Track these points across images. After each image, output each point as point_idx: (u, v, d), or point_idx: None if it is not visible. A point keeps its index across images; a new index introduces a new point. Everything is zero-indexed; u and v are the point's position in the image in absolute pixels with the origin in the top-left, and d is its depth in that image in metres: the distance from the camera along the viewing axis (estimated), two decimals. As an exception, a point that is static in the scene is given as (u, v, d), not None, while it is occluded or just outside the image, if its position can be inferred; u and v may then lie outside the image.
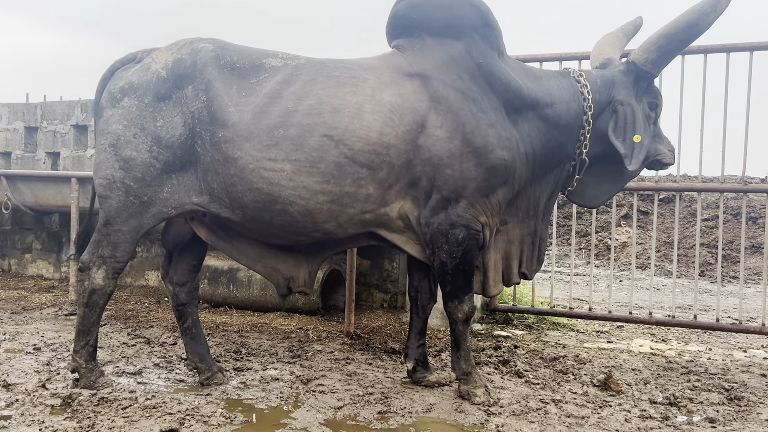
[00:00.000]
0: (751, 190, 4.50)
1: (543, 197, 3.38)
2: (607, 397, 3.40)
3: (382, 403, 3.17)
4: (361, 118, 2.98)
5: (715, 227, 10.72)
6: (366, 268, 5.84)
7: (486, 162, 3.04)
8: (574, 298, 6.36)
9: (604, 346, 4.56)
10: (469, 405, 3.17)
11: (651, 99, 3.34)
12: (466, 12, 3.15)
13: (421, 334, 3.54)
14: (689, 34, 3.11)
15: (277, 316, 5.21)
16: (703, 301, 6.94)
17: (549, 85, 3.26)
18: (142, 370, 3.64)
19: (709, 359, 4.26)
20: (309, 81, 3.04)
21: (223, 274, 5.47)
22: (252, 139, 2.97)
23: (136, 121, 3.11)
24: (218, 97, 3.03)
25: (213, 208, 3.12)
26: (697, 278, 4.73)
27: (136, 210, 3.14)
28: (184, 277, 3.51)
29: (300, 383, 3.47)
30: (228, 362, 3.84)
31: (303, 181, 2.97)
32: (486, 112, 3.07)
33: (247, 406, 3.10)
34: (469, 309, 3.23)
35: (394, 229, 3.22)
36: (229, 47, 3.19)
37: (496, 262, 3.39)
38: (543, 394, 3.39)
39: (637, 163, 3.22)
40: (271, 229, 3.11)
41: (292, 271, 3.35)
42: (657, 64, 3.22)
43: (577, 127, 3.27)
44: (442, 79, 3.09)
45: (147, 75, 3.15)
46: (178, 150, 3.08)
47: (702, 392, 3.50)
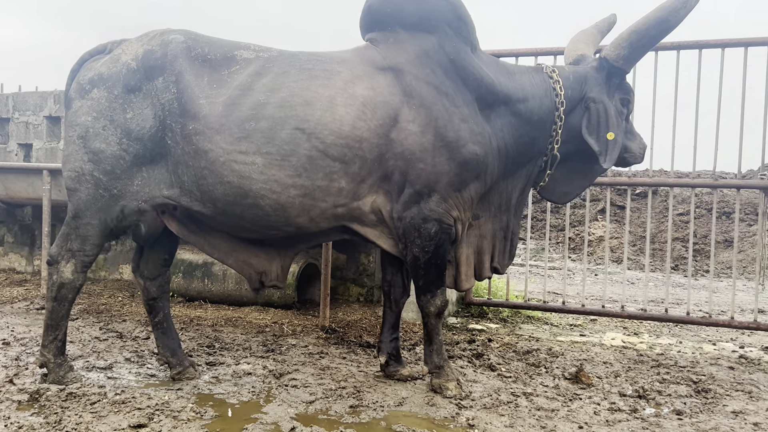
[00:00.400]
0: (722, 185, 4.55)
1: (515, 192, 3.39)
2: (578, 390, 3.43)
3: (355, 397, 3.17)
4: (334, 112, 2.97)
5: (689, 221, 10.86)
6: (342, 262, 5.84)
7: (458, 156, 3.05)
8: (549, 292, 6.42)
9: (576, 340, 4.61)
10: (441, 398, 3.19)
11: (623, 95, 3.37)
12: (439, 6, 3.15)
13: (394, 328, 3.55)
14: (660, 30, 3.13)
15: (252, 310, 5.19)
16: (676, 295, 7.04)
17: (522, 80, 3.27)
18: (112, 365, 3.61)
19: (679, 352, 4.32)
20: (281, 73, 3.02)
21: (197, 267, 5.43)
22: (223, 132, 2.94)
23: (106, 113, 3.07)
24: (189, 88, 3.00)
25: (184, 202, 3.09)
26: (669, 272, 4.78)
27: (106, 203, 3.10)
28: (156, 271, 3.48)
29: (273, 378, 3.46)
30: (201, 357, 3.81)
31: (274, 175, 2.95)
32: (459, 107, 3.08)
33: (219, 401, 3.09)
34: (442, 303, 3.24)
35: (366, 224, 3.21)
36: (200, 39, 3.15)
37: (468, 256, 3.40)
38: (515, 387, 3.42)
39: (611, 160, 3.25)
40: (242, 222, 3.09)
41: (265, 265, 3.33)
42: (628, 60, 3.24)
43: (550, 122, 3.29)
44: (415, 73, 3.09)
45: (117, 66, 3.11)
46: (149, 142, 3.05)
47: (671, 385, 3.55)
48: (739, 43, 4.33)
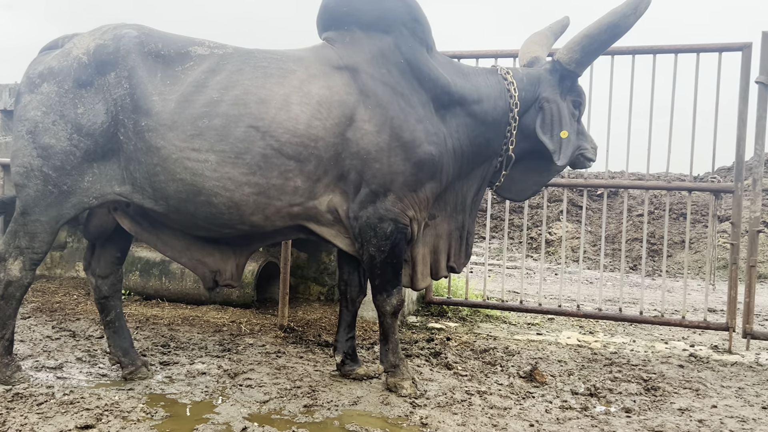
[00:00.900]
0: (674, 187, 4.66)
1: (471, 192, 3.43)
2: (532, 388, 3.48)
3: (309, 397, 3.16)
4: (289, 110, 2.95)
5: (648, 222, 11.09)
6: (303, 260, 5.81)
7: (414, 157, 3.06)
8: (508, 291, 6.49)
9: (533, 338, 4.67)
10: (396, 397, 3.20)
11: (575, 97, 3.43)
12: (394, 6, 3.16)
13: (350, 327, 3.55)
14: (611, 35, 3.20)
15: (210, 309, 5.14)
16: (632, 294, 7.17)
17: (477, 82, 3.30)
18: (63, 365, 3.54)
19: (632, 351, 4.41)
20: (236, 71, 3.00)
21: (155, 266, 5.36)
22: (176, 129, 2.91)
23: (56, 108, 3.00)
24: (142, 84, 2.96)
25: (136, 199, 3.05)
26: (623, 272, 4.88)
27: (55, 199, 3.04)
28: (108, 269, 3.42)
29: (227, 377, 3.43)
30: (155, 356, 3.76)
31: (228, 173, 2.92)
32: (414, 107, 3.09)
33: (170, 401, 3.05)
34: (398, 302, 3.26)
35: (323, 223, 3.21)
36: (154, 34, 3.11)
37: (424, 255, 3.42)
38: (469, 385, 3.45)
39: (565, 158, 3.31)
40: (195, 220, 3.06)
41: (219, 263, 3.30)
42: (581, 64, 3.30)
43: (504, 123, 3.33)
44: (372, 72, 3.09)
45: (68, 60, 3.04)
46: (100, 138, 2.99)
47: (622, 383, 3.62)
48: (691, 49, 4.44)
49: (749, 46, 4.30)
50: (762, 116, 4.27)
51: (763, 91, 4.27)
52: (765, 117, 4.26)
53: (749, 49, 4.30)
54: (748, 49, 4.30)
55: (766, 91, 4.26)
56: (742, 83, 4.33)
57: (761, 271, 9.02)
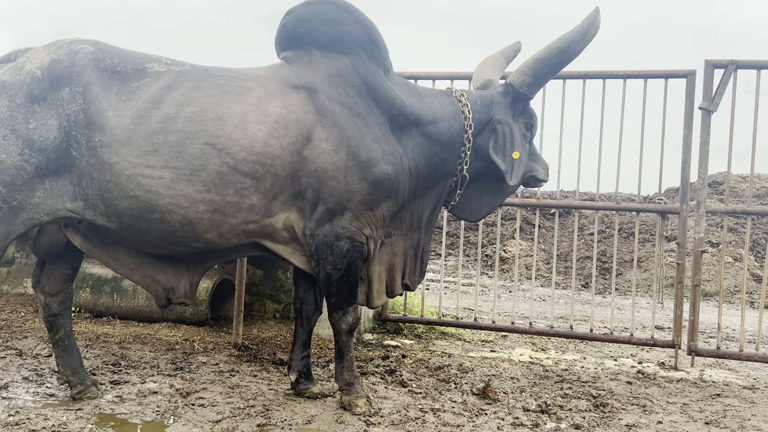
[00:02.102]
0: (623, 208, 4.81)
1: (426, 211, 3.48)
2: (484, 405, 3.53)
3: (263, 416, 3.15)
4: (246, 128, 2.97)
5: (600, 241, 11.35)
6: (259, 277, 5.78)
7: (370, 176, 3.10)
8: (463, 308, 6.56)
9: (487, 355, 4.73)
10: (350, 416, 3.21)
11: (527, 120, 3.54)
12: (352, 28, 3.21)
13: (305, 346, 3.54)
14: (561, 59, 3.32)
15: (163, 327, 5.05)
16: (583, 312, 7.33)
17: (432, 103, 3.38)
18: (8, 384, 3.44)
19: (582, 368, 4.51)
20: (192, 88, 3.00)
21: (106, 282, 5.25)
22: (130, 145, 2.88)
23: (7, 122, 2.94)
24: (96, 100, 2.93)
25: (88, 215, 3.00)
26: (574, 290, 5.00)
27: (5, 215, 2.97)
28: (57, 286, 3.35)
29: (179, 396, 3.38)
30: (105, 375, 3.69)
31: (182, 190, 2.91)
32: (371, 127, 3.14)
33: (120, 421, 3.00)
34: (354, 320, 3.27)
35: (279, 240, 3.21)
36: (110, 50, 3.09)
37: (380, 273, 3.45)
38: (423, 403, 3.48)
39: (516, 178, 3.40)
40: (148, 238, 3.03)
41: (172, 281, 3.27)
42: (532, 87, 3.41)
43: (459, 144, 3.40)
44: (329, 92, 3.13)
45: (20, 74, 2.99)
46: (52, 153, 2.94)
47: (572, 399, 3.70)
48: (639, 75, 4.61)
49: (693, 74, 4.48)
50: (705, 141, 4.45)
51: (705, 117, 4.45)
52: (708, 142, 4.44)
53: (693, 76, 4.49)
54: (692, 77, 4.49)
55: (709, 117, 4.45)
56: (686, 109, 4.51)
57: (706, 289, 9.32)
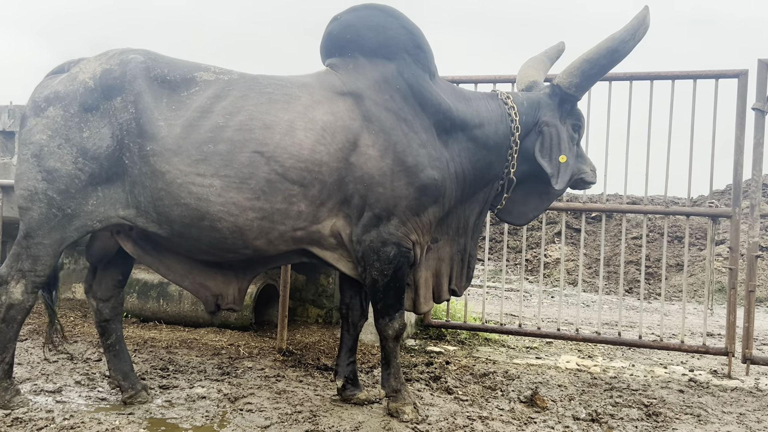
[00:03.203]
0: (672, 212, 4.70)
1: (472, 216, 3.45)
2: (533, 413, 3.47)
3: (311, 422, 3.14)
4: (293, 135, 2.98)
5: (643, 246, 11.12)
6: (301, 283, 5.81)
7: (417, 181, 3.09)
8: (506, 314, 6.49)
9: (532, 362, 4.66)
10: (397, 423, 3.19)
11: (574, 121, 3.48)
12: (397, 34, 3.20)
13: (351, 352, 3.54)
14: (610, 60, 3.26)
15: (208, 332, 5.12)
16: (629, 318, 7.18)
17: (478, 106, 3.35)
18: (62, 388, 3.51)
19: (631, 375, 4.41)
20: (241, 96, 3.02)
21: (153, 288, 5.34)
22: (181, 154, 2.92)
23: (61, 132, 3.02)
24: (147, 109, 2.98)
25: (140, 222, 3.05)
26: (622, 295, 4.89)
27: (59, 223, 3.04)
28: (109, 292, 3.41)
29: (227, 401, 3.41)
30: (154, 380, 3.74)
31: (232, 197, 2.94)
32: (417, 132, 3.12)
33: (171, 426, 3.03)
34: (400, 326, 3.26)
35: (326, 247, 3.22)
36: (159, 59, 3.14)
37: (426, 279, 3.43)
38: (471, 410, 3.44)
39: (563, 182, 3.35)
40: (199, 245, 3.06)
41: (221, 287, 3.30)
42: (580, 88, 3.35)
43: (505, 147, 3.37)
44: (375, 98, 3.13)
45: (74, 85, 3.06)
46: (105, 162, 3.00)
47: (623, 408, 3.62)
48: (688, 76, 4.51)
49: (745, 73, 4.36)
50: (759, 142, 4.32)
51: (759, 118, 4.33)
52: (762, 143, 4.32)
53: (745, 76, 4.37)
54: (744, 76, 4.37)
55: (763, 118, 4.32)
56: (738, 109, 4.39)
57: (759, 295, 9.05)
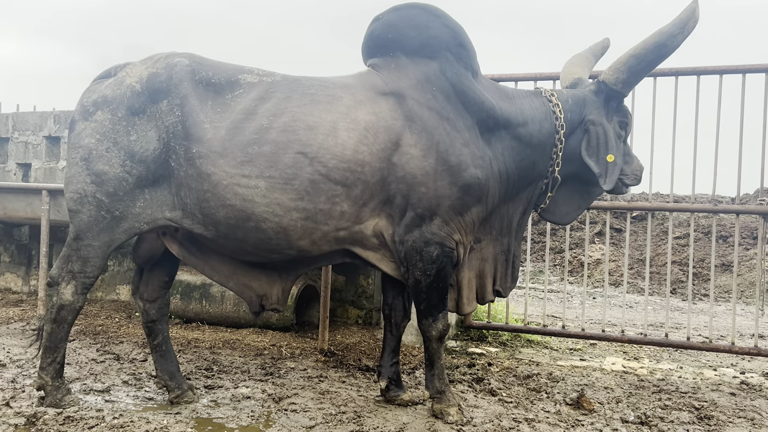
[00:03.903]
0: (721, 210, 4.57)
1: (516, 215, 3.41)
2: (580, 416, 3.41)
3: (355, 423, 3.14)
4: (336, 136, 2.98)
5: (687, 245, 10.87)
6: (341, 283, 5.82)
7: (460, 180, 3.06)
8: (548, 315, 6.40)
9: (577, 364, 4.59)
10: (442, 424, 3.16)
11: (621, 118, 3.41)
12: (440, 32, 3.18)
13: (394, 352, 3.52)
14: (658, 55, 3.18)
15: (250, 333, 5.16)
16: (674, 319, 7.02)
17: (522, 104, 3.30)
18: (110, 388, 3.58)
19: (680, 377, 4.31)
20: (284, 98, 3.04)
21: (195, 289, 5.41)
22: (226, 155, 2.95)
23: (109, 135, 3.07)
24: (193, 112, 3.02)
25: (186, 224, 3.09)
26: (668, 296, 4.78)
27: (108, 225, 3.10)
28: (155, 293, 3.46)
29: (272, 401, 3.43)
30: (199, 380, 3.78)
31: (277, 198, 2.95)
32: (460, 131, 3.10)
33: (217, 425, 3.06)
34: (444, 327, 3.23)
35: (368, 247, 3.21)
36: (204, 62, 3.17)
37: (470, 280, 3.39)
38: (516, 412, 3.39)
39: (611, 182, 3.27)
40: (244, 246, 3.09)
41: (266, 288, 3.32)
42: (627, 84, 3.28)
43: (550, 145, 3.31)
44: (417, 98, 3.11)
45: (121, 89, 3.12)
46: (152, 164, 3.05)
47: (673, 411, 3.53)
48: (736, 70, 4.38)
49: (797, 67, 4.22)
50: (812, 137, 4.17)
51: (812, 112, 4.18)
52: (815, 138, 4.17)
53: (797, 69, 4.22)
54: (796, 70, 4.22)
55: (816, 112, 4.17)
56: (791, 104, 4.24)
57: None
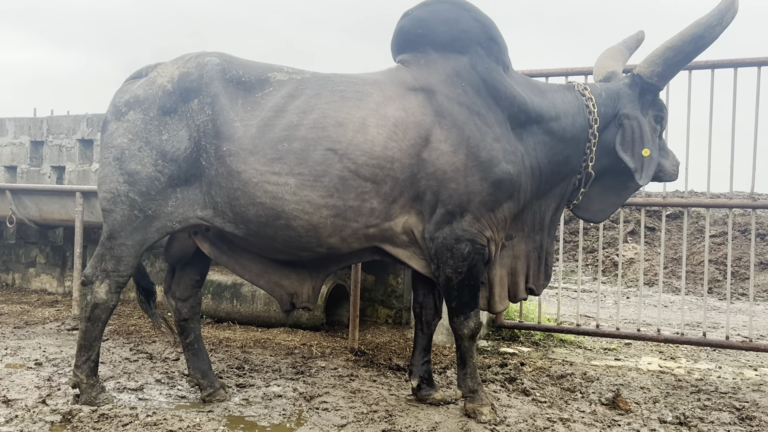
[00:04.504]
0: (761, 206, 4.45)
1: (549, 211, 3.35)
2: (616, 416, 3.34)
3: (387, 421, 3.11)
4: (365, 132, 2.96)
5: (722, 243, 10.65)
6: (370, 283, 5.80)
7: (491, 176, 3.01)
8: (580, 315, 6.30)
9: (611, 364, 4.50)
10: (475, 423, 3.12)
11: (656, 112, 3.32)
12: (470, 26, 3.14)
13: (425, 351, 3.49)
14: (695, 46, 3.09)
15: (281, 332, 5.17)
16: (711, 318, 6.86)
17: (554, 98, 3.24)
18: (143, 386, 3.60)
19: (719, 377, 4.20)
20: (313, 95, 3.03)
21: (226, 289, 5.44)
22: (256, 153, 2.95)
23: (141, 135, 3.10)
24: (224, 111, 3.02)
25: (217, 222, 3.10)
26: (706, 295, 4.67)
27: (141, 224, 3.12)
28: (187, 291, 3.48)
29: (303, 400, 3.42)
30: (230, 378, 3.79)
31: (307, 195, 2.94)
32: (491, 126, 3.05)
33: (249, 424, 3.06)
34: (476, 325, 3.19)
35: (398, 244, 3.18)
36: (234, 61, 3.18)
37: (501, 277, 3.34)
38: (550, 412, 3.34)
39: (647, 177, 3.19)
40: (274, 244, 3.08)
41: (296, 286, 3.31)
42: (662, 77, 3.20)
43: (583, 140, 3.25)
44: (447, 93, 3.07)
45: (152, 88, 3.14)
46: (183, 163, 3.06)
47: (713, 411, 3.44)
48: (775, 61, 4.25)
49: (839, 57, 4.09)
50: None
51: None
52: None
53: (839, 59, 4.09)
54: (839, 60, 4.09)
55: None
56: (832, 95, 4.11)
57: None
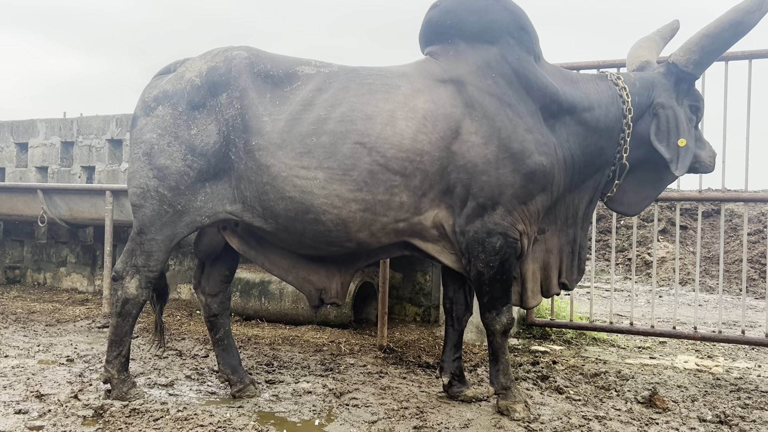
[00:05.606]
0: (801, 199, 4.31)
1: (582, 204, 3.27)
2: (653, 414, 3.25)
3: (418, 418, 3.07)
4: (394, 125, 2.92)
5: (757, 242, 10.40)
6: (398, 280, 5.76)
7: (523, 168, 2.95)
8: (613, 314, 6.18)
9: (646, 362, 4.40)
10: (509, 421, 3.06)
11: (692, 102, 3.23)
12: (500, 16, 3.08)
13: (456, 347, 3.44)
14: (733, 33, 3.00)
15: (309, 329, 5.15)
16: (747, 317, 6.69)
17: (587, 88, 3.17)
18: (173, 382, 3.61)
19: (759, 376, 4.07)
20: (342, 88, 3.00)
21: (254, 286, 5.44)
22: (285, 147, 2.93)
23: (171, 130, 3.09)
24: (252, 105, 3.01)
25: (246, 217, 3.08)
26: (744, 292, 4.54)
27: (170, 219, 3.12)
28: (217, 287, 3.47)
29: (333, 396, 3.39)
30: (260, 375, 3.78)
31: (335, 189, 2.91)
32: (523, 117, 2.99)
33: (280, 419, 3.04)
34: (508, 320, 3.12)
35: (428, 239, 3.13)
36: (262, 55, 3.16)
37: (534, 272, 3.28)
38: (585, 410, 3.26)
39: (683, 167, 3.11)
40: (303, 238, 3.05)
41: (324, 282, 3.28)
42: (699, 65, 3.11)
43: (617, 131, 3.17)
44: (477, 84, 3.02)
45: (181, 83, 3.14)
46: (212, 158, 3.05)
47: (754, 410, 3.33)
48: (816, 50, 4.12)
49: None
50: None
51: None
52: None
53: None
54: None
55: None
56: None
57: None
